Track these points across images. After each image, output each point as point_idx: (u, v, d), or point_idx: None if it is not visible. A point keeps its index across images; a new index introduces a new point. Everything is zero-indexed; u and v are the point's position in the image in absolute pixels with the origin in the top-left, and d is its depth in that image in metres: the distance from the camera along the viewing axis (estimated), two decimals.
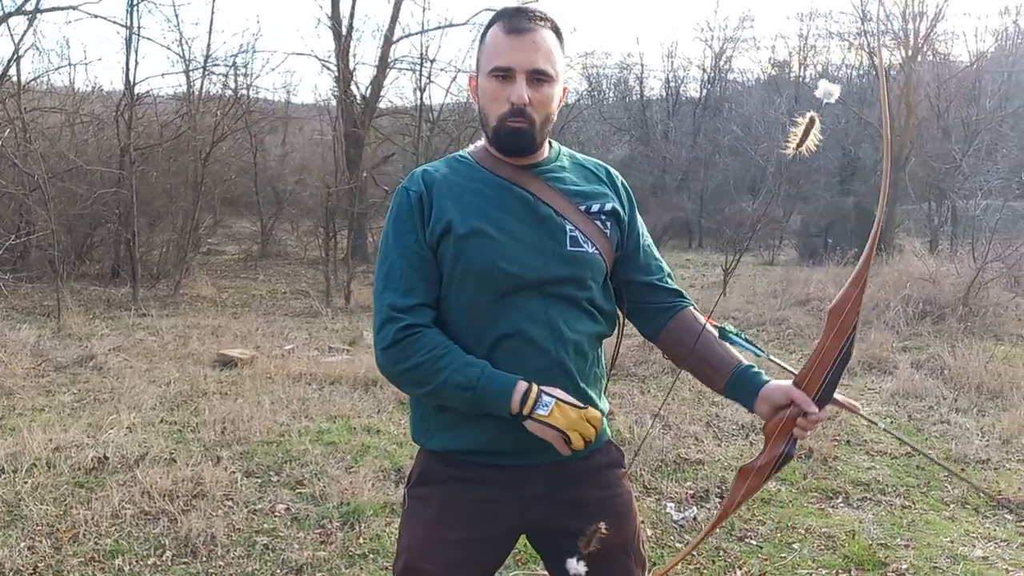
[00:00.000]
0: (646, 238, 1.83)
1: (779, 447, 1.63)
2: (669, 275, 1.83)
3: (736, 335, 1.68)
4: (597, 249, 1.69)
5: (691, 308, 1.77)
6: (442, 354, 1.59)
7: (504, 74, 1.62)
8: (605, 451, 1.80)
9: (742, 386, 1.68)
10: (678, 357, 1.78)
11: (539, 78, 1.62)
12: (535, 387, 1.58)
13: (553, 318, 1.65)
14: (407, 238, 1.65)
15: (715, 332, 1.71)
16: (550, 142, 1.78)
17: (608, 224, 1.72)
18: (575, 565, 1.66)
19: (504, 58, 1.62)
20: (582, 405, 1.60)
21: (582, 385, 1.69)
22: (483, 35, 1.70)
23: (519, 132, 1.64)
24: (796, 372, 1.63)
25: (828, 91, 1.57)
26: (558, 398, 1.59)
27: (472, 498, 1.69)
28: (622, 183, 1.82)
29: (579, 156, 1.82)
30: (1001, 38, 23.31)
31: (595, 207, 1.72)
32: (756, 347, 1.68)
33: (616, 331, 1.83)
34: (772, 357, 1.70)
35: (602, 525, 1.57)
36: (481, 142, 1.79)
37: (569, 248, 1.67)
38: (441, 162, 1.75)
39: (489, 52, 1.65)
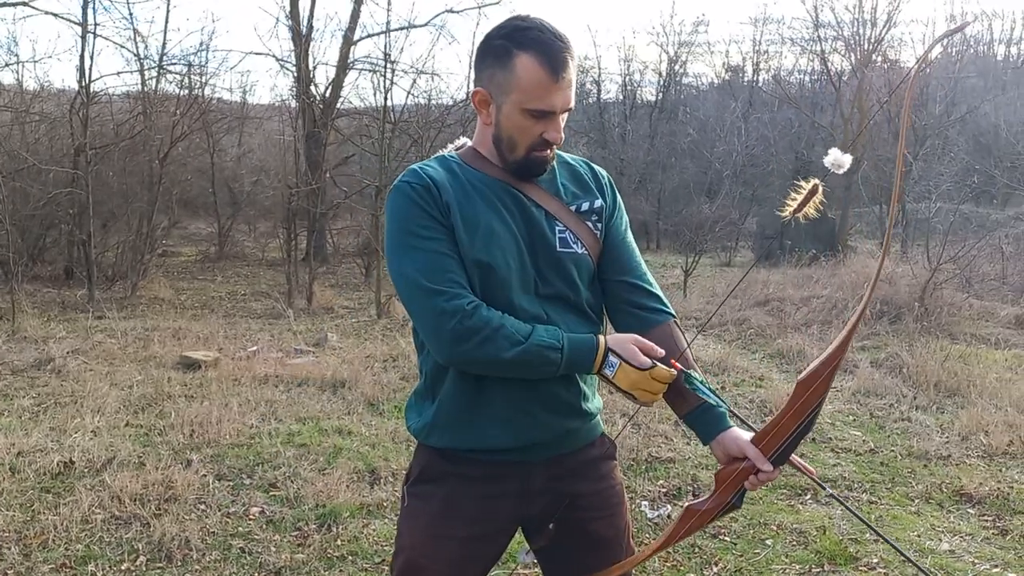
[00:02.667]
0: (629, 236, 1.83)
1: (728, 495, 1.66)
2: (651, 279, 1.83)
3: (701, 383, 1.68)
4: (586, 249, 1.72)
5: (672, 323, 1.77)
6: (512, 320, 1.60)
7: (544, 115, 1.63)
8: (599, 444, 1.84)
9: (704, 422, 1.68)
10: None
11: (566, 111, 1.65)
12: (603, 345, 1.62)
13: (547, 315, 1.67)
14: (429, 224, 1.62)
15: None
16: None
17: (597, 224, 1.75)
18: (525, 556, 1.81)
19: (547, 102, 1.61)
20: (649, 365, 1.61)
21: (580, 384, 1.72)
22: (503, 54, 1.62)
23: (544, 163, 1.68)
24: (756, 430, 1.66)
25: (838, 162, 1.57)
26: (624, 359, 1.61)
27: (476, 495, 1.71)
28: (607, 180, 1.84)
29: (564, 155, 1.82)
30: (948, 45, 23.86)
31: (584, 206, 1.74)
32: (719, 398, 1.70)
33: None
34: (734, 411, 1.72)
35: (551, 526, 1.72)
36: (462, 142, 1.80)
37: (559, 249, 1.69)
38: (434, 160, 1.75)
39: (527, 88, 1.60)
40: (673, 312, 1.79)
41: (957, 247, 10.13)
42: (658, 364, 1.62)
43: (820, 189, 1.59)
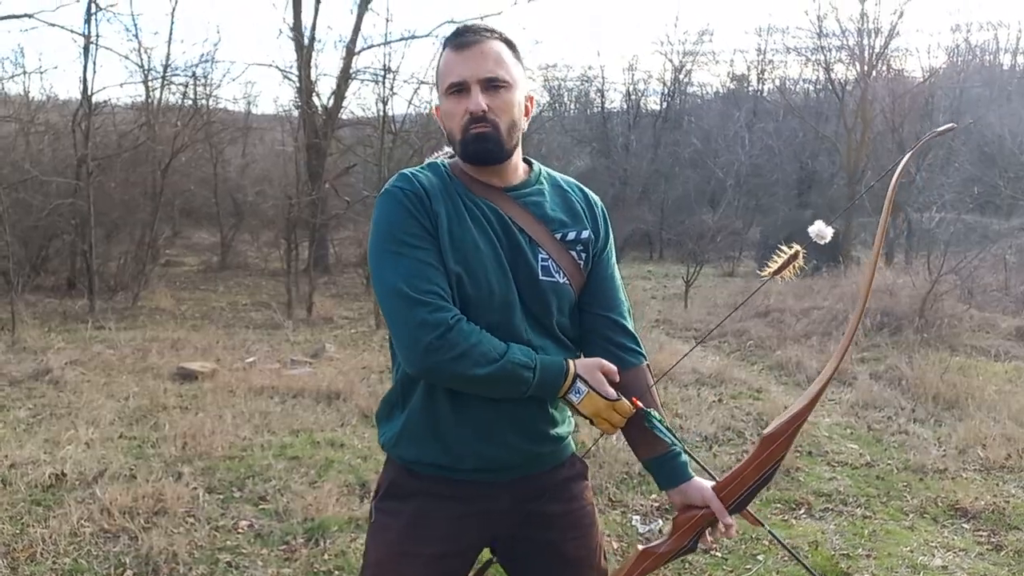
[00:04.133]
0: (616, 271, 1.82)
1: (685, 540, 1.69)
2: (630, 314, 1.82)
3: (660, 422, 1.69)
4: (568, 279, 1.70)
5: (645, 367, 1.77)
6: (489, 337, 1.59)
7: (459, 88, 1.63)
8: (569, 464, 1.82)
9: (668, 470, 1.70)
10: None
11: (494, 84, 1.63)
12: (573, 371, 1.62)
13: (525, 336, 1.65)
14: (418, 232, 1.60)
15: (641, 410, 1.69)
16: (531, 163, 1.79)
17: (583, 255, 1.72)
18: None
19: (456, 73, 1.63)
20: (615, 397, 1.63)
21: (550, 409, 1.71)
22: (438, 63, 1.71)
23: (483, 136, 1.63)
24: (715, 478, 1.69)
25: (821, 233, 1.64)
26: (591, 387, 1.62)
27: (442, 514, 1.70)
28: (601, 209, 1.81)
29: (560, 178, 1.81)
30: (953, 55, 23.92)
31: (571, 235, 1.71)
32: (676, 438, 1.71)
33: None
34: (689, 452, 1.74)
35: (494, 557, 1.74)
36: (444, 154, 1.79)
37: (541, 277, 1.67)
38: (426, 167, 1.74)
39: (443, 73, 1.67)
40: (646, 355, 1.79)
41: (959, 258, 10.09)
42: (623, 398, 1.64)
43: (801, 255, 1.65)
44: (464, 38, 1.65)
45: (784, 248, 1.65)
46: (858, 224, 17.76)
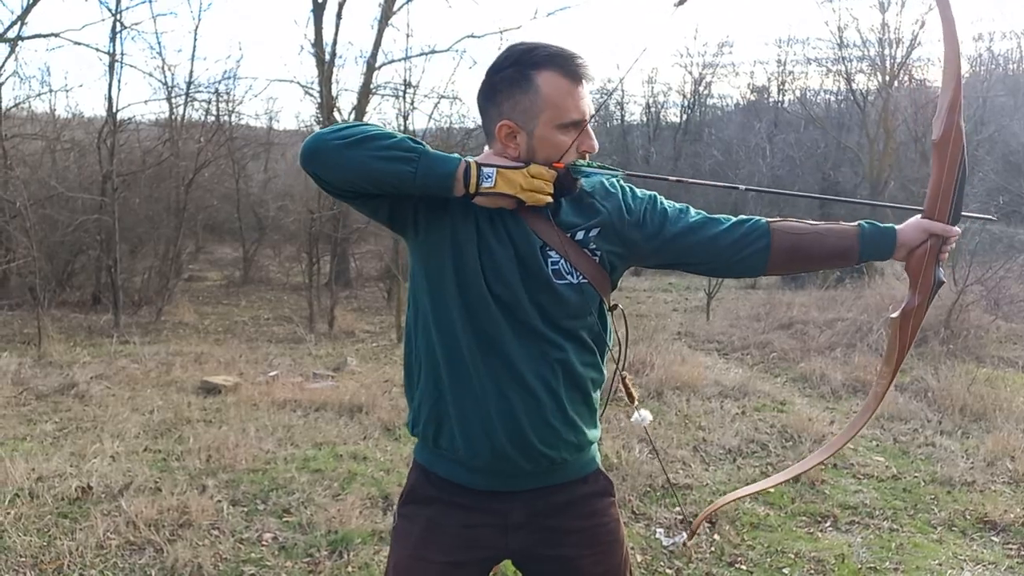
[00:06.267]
0: (674, 210, 1.76)
1: (931, 276, 1.69)
2: (719, 220, 1.76)
3: (587, 165, 1.64)
4: (587, 278, 1.68)
5: (770, 226, 1.73)
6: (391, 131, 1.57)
7: (577, 124, 1.61)
8: (592, 481, 1.79)
9: (875, 246, 1.70)
10: (797, 270, 1.84)
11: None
12: (474, 163, 1.56)
13: (538, 344, 1.65)
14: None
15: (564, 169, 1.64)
16: None
17: (599, 252, 1.70)
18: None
19: (579, 110, 1.61)
20: (522, 164, 1.59)
21: (569, 412, 1.68)
22: (521, 79, 1.61)
23: (576, 184, 1.66)
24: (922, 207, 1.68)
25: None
26: (498, 166, 1.57)
27: (456, 523, 1.71)
28: (612, 184, 1.75)
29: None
30: (976, 64, 23.72)
31: (580, 235, 1.69)
32: (610, 169, 1.66)
33: (617, 358, 1.80)
34: (628, 173, 1.73)
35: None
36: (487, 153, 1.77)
37: (554, 280, 1.66)
38: None
39: (557, 102, 1.60)
40: (759, 217, 1.77)
41: (985, 268, 9.99)
42: (531, 163, 1.59)
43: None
44: (578, 66, 1.61)
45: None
46: None
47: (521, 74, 1.60)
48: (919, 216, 1.67)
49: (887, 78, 18.51)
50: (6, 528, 3.75)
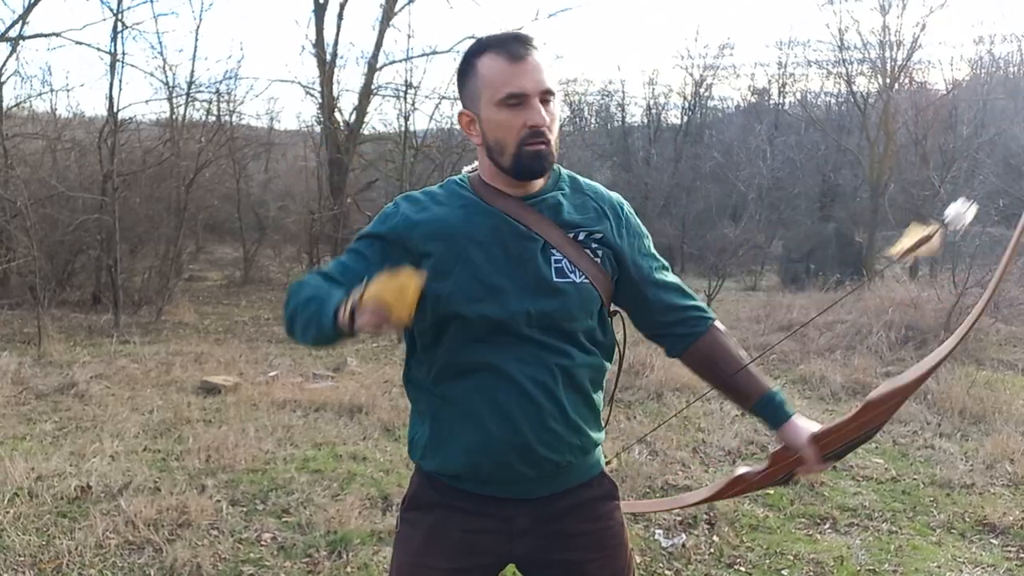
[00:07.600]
0: (656, 260, 1.79)
1: (778, 476, 1.76)
2: (685, 291, 1.80)
3: None
4: (588, 279, 1.67)
5: (714, 328, 1.77)
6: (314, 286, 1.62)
7: (518, 101, 1.60)
8: (597, 484, 1.79)
9: (769, 414, 1.75)
10: (705, 378, 1.83)
11: (547, 98, 1.62)
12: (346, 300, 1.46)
13: (539, 350, 1.64)
14: (366, 246, 1.69)
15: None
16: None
17: (599, 252, 1.70)
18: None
19: (515, 84, 1.59)
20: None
21: (571, 415, 1.67)
22: (466, 67, 1.66)
23: (540, 154, 1.62)
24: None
25: (959, 217, 1.57)
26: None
27: (460, 528, 1.69)
28: (620, 206, 1.78)
29: (582, 182, 1.79)
30: (976, 67, 23.70)
31: (582, 235, 1.69)
32: None
33: (616, 361, 1.81)
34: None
35: None
36: (470, 169, 1.78)
37: (555, 279, 1.65)
38: (440, 186, 1.75)
39: (494, 81, 1.61)
40: (712, 315, 1.82)
41: (985, 271, 9.98)
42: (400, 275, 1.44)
43: (937, 237, 1.57)
44: (518, 48, 1.61)
45: (919, 225, 1.57)
46: (882, 237, 17.65)
47: (467, 63, 1.66)
48: (814, 430, 1.68)
49: (888, 80, 18.53)
50: (5, 527, 3.76)
